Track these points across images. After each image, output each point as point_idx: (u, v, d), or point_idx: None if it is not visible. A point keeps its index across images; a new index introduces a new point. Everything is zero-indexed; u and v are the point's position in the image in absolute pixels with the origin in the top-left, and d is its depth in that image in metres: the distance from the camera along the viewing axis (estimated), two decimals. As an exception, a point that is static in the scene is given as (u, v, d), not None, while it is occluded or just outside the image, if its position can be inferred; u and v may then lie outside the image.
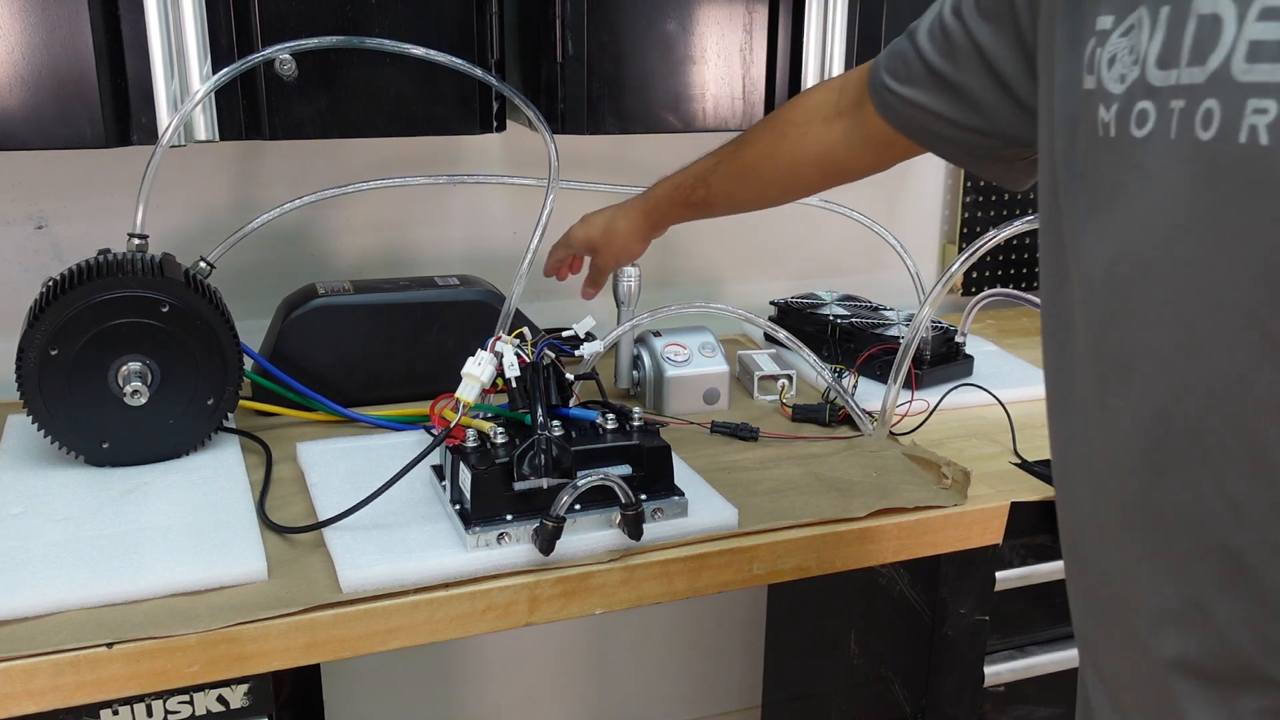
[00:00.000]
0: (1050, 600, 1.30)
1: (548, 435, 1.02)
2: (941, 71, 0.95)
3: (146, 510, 1.08)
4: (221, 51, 1.18)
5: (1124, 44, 0.65)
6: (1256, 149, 0.54)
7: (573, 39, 1.30)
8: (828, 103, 1.12)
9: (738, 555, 1.07)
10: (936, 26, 0.95)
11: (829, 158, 1.12)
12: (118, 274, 1.13)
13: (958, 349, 1.53)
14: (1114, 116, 0.65)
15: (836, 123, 1.10)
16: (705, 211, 1.27)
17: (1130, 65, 0.63)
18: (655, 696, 1.99)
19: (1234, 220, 0.57)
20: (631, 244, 1.34)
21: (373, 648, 0.97)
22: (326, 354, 1.35)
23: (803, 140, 1.14)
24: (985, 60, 0.90)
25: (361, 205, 1.57)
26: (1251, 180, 0.55)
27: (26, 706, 0.88)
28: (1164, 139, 0.60)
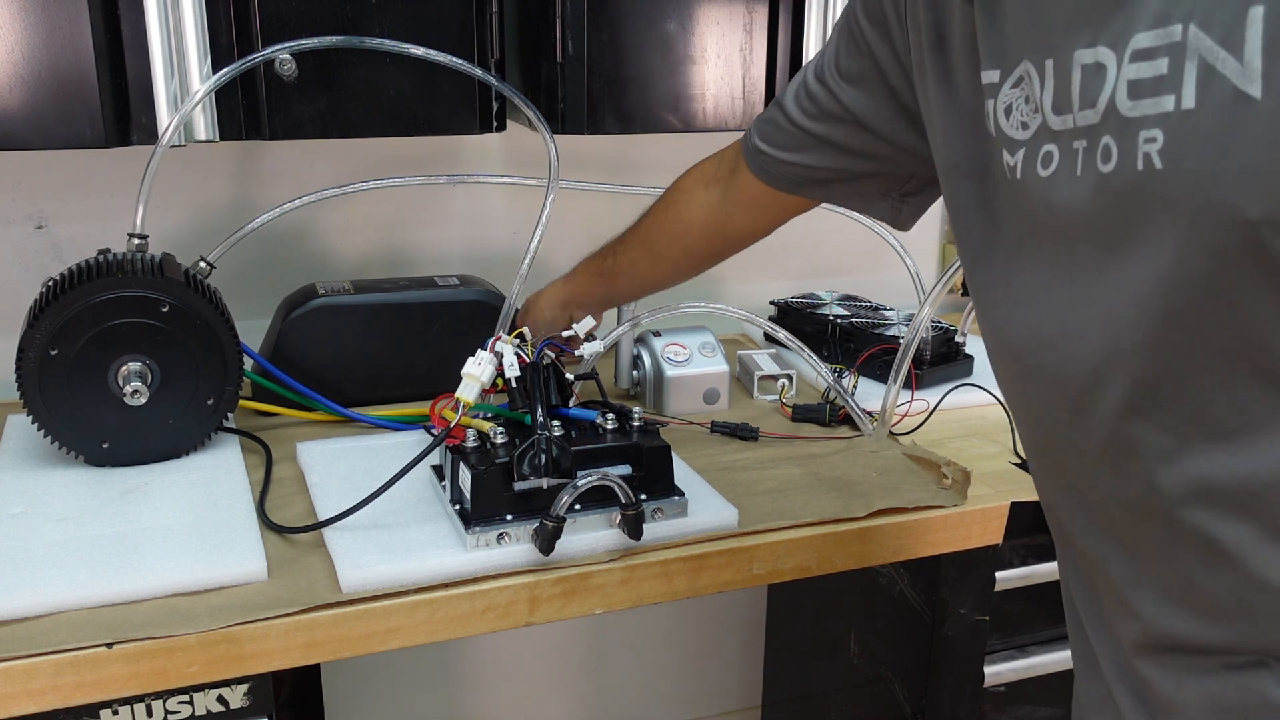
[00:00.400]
0: (1050, 600, 1.30)
1: (548, 435, 1.02)
2: (814, 132, 1.00)
3: (146, 510, 1.08)
4: (221, 51, 1.18)
5: (1017, 94, 0.71)
6: (1152, 172, 0.60)
7: (573, 39, 1.30)
8: (707, 170, 1.18)
9: (738, 555, 1.07)
10: (802, 92, 1.00)
11: (711, 222, 1.17)
12: (118, 274, 1.13)
13: (958, 349, 1.53)
14: (1020, 160, 0.71)
15: (714, 187, 1.16)
16: (614, 283, 1.30)
17: (1030, 114, 0.69)
18: (655, 696, 1.99)
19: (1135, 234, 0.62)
20: (547, 310, 1.35)
21: (373, 648, 0.97)
22: (326, 354, 1.35)
23: (687, 206, 1.19)
24: (856, 118, 0.96)
25: (361, 205, 1.57)
26: (1150, 199, 0.60)
27: (26, 706, 0.88)
28: (1070, 175, 0.66)
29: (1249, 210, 0.56)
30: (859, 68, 0.93)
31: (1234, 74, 0.55)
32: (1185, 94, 0.58)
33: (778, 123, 1.03)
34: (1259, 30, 0.54)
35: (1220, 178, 0.57)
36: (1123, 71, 0.61)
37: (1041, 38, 0.68)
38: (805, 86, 1.00)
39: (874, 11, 0.89)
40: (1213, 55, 0.56)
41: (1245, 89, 0.55)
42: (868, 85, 0.93)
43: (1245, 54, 0.55)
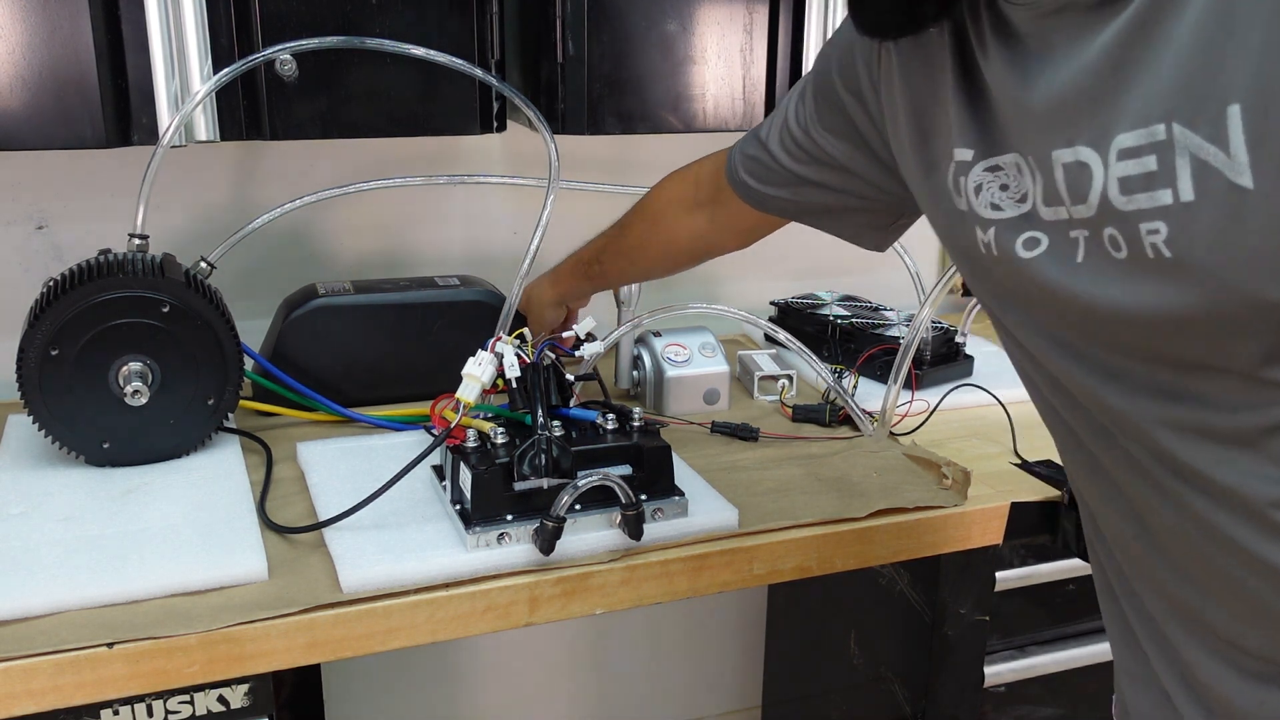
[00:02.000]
0: (1050, 600, 1.30)
1: (548, 435, 1.02)
2: (802, 175, 1.03)
3: (146, 510, 1.08)
4: (222, 51, 1.18)
5: (990, 179, 0.74)
6: (1164, 261, 0.62)
7: (573, 39, 1.30)
8: (685, 196, 1.20)
9: (738, 555, 1.07)
10: (787, 136, 1.02)
11: (699, 242, 1.22)
12: (118, 274, 1.13)
13: (958, 349, 1.53)
14: (993, 239, 0.74)
15: (698, 213, 1.18)
16: (605, 285, 1.37)
17: (1006, 199, 0.73)
18: (655, 696, 1.99)
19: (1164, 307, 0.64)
20: (546, 311, 1.39)
21: (373, 648, 0.97)
22: (326, 354, 1.35)
23: (672, 230, 1.23)
24: (842, 165, 0.99)
25: (361, 205, 1.57)
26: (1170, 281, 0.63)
27: (26, 706, 0.88)
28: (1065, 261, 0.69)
29: (1269, 294, 0.58)
30: (839, 125, 0.96)
31: (1224, 167, 0.58)
32: (1182, 187, 0.60)
33: (764, 162, 1.06)
34: (1239, 125, 0.57)
35: (1233, 264, 0.59)
36: (1110, 170, 0.64)
37: (1023, 134, 0.71)
38: (789, 130, 1.02)
39: (850, 82, 0.92)
40: (1203, 151, 0.59)
41: (1237, 181, 0.57)
42: (850, 140, 0.96)
43: (1231, 148, 0.57)
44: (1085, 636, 1.33)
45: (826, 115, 0.97)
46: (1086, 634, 1.33)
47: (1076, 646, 1.32)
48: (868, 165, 0.97)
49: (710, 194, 1.16)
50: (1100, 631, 1.33)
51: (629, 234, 1.27)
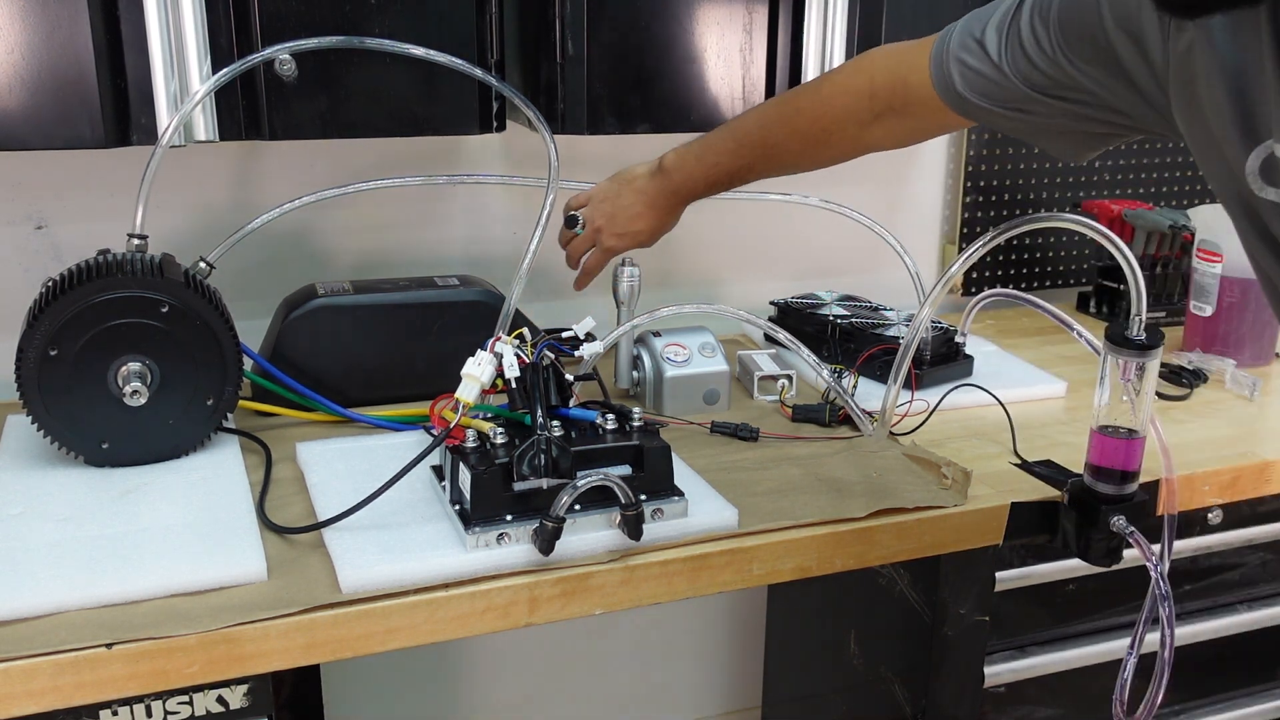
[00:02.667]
0: (1050, 600, 1.30)
1: (547, 435, 1.02)
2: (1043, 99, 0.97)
3: (146, 510, 1.08)
4: (221, 51, 1.18)
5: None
6: None
7: (573, 39, 1.30)
8: (858, 110, 1.15)
9: (738, 555, 1.07)
10: (1024, 62, 0.97)
11: (868, 148, 1.18)
12: (117, 274, 1.13)
13: (958, 349, 1.53)
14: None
15: (875, 126, 1.14)
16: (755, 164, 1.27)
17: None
18: (655, 696, 1.98)
19: None
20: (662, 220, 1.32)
21: (373, 648, 0.97)
22: (326, 354, 1.35)
23: (841, 146, 1.19)
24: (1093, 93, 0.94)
25: (361, 205, 1.56)
26: None
27: (26, 706, 0.88)
28: None
29: None
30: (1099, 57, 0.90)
31: None
32: None
33: (994, 80, 1.00)
34: None
35: None
36: None
37: None
38: (1026, 55, 0.96)
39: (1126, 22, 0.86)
40: None
41: None
42: (1111, 72, 0.90)
43: None
44: (1085, 636, 1.33)
45: (1083, 47, 0.91)
46: (1086, 634, 1.33)
47: (1076, 646, 1.32)
48: (1124, 96, 0.91)
49: (891, 104, 1.11)
50: (1100, 631, 1.33)
51: (783, 154, 1.22)
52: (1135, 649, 1.12)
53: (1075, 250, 1.98)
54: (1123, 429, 1.12)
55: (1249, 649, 1.42)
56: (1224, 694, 1.44)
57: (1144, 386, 1.10)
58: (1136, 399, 1.11)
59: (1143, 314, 1.08)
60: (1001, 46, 0.98)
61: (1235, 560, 1.38)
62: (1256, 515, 1.35)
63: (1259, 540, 1.37)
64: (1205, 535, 1.33)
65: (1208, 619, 1.38)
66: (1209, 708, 1.43)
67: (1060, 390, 1.50)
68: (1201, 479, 1.26)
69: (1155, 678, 1.07)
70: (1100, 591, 1.31)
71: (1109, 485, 1.13)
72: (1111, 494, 1.13)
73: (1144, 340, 1.08)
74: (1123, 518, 1.11)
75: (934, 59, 1.05)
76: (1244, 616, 1.39)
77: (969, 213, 1.89)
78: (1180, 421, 1.41)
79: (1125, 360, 1.09)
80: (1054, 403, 1.48)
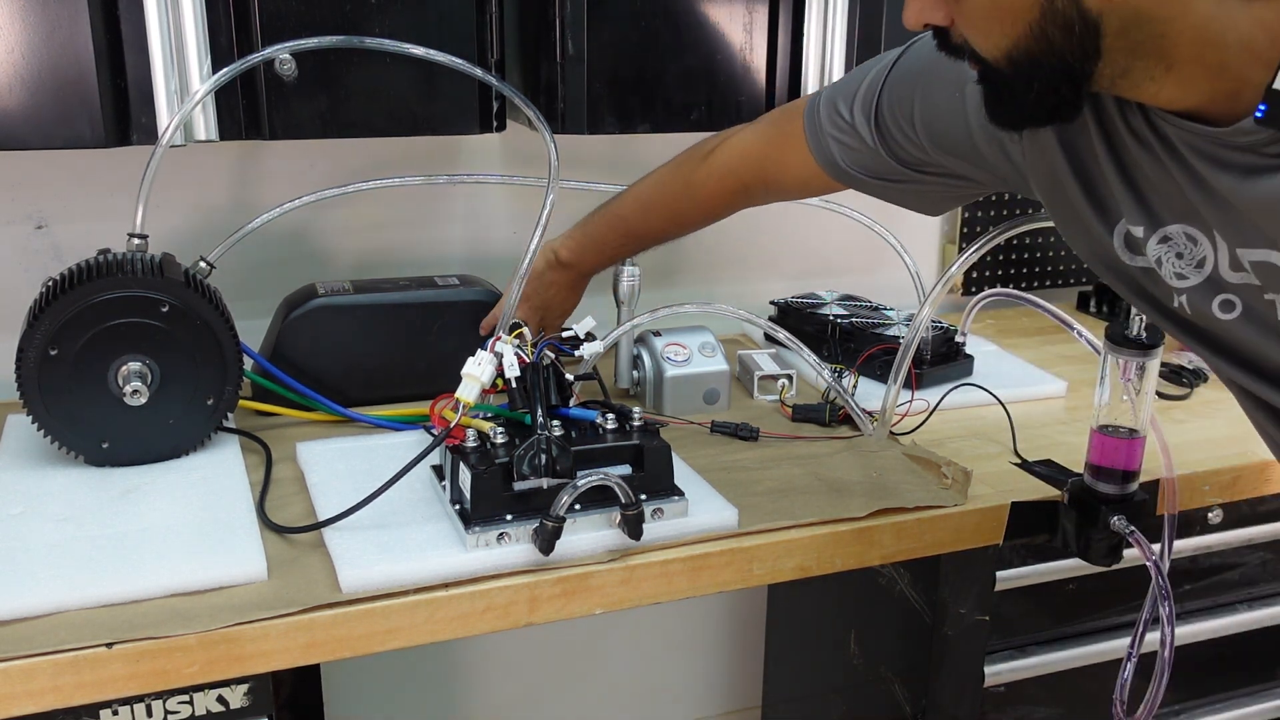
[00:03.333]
0: (1050, 600, 1.30)
1: (547, 435, 1.02)
2: (919, 172, 1.09)
3: (146, 510, 1.08)
4: (221, 51, 1.18)
5: (1165, 249, 0.85)
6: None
7: (573, 39, 1.30)
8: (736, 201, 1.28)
9: (738, 555, 1.07)
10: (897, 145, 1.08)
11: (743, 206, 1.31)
12: (118, 274, 1.13)
13: (958, 349, 1.53)
14: (1188, 301, 0.86)
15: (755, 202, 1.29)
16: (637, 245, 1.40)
17: (1186, 267, 0.85)
18: (655, 696, 1.98)
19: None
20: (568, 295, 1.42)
21: (373, 648, 0.97)
22: (326, 354, 1.35)
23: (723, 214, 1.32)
24: (959, 174, 1.06)
25: (361, 205, 1.56)
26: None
27: (26, 706, 0.88)
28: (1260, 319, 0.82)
29: None
30: (969, 156, 1.02)
31: None
32: None
33: (874, 158, 1.10)
34: None
35: None
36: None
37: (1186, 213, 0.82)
38: (897, 142, 1.07)
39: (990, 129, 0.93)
40: None
41: None
42: (979, 166, 1.02)
43: None
44: (1085, 636, 1.33)
45: (950, 146, 1.03)
46: (1086, 634, 1.33)
47: (1076, 646, 1.32)
48: (992, 179, 1.03)
49: (767, 187, 1.24)
50: (1100, 631, 1.33)
51: (673, 234, 1.36)
52: (1135, 649, 1.12)
53: (1075, 250, 1.98)
54: (1123, 428, 1.12)
55: (1249, 649, 1.42)
56: (1224, 694, 1.44)
57: (1144, 386, 1.10)
58: (1137, 398, 1.11)
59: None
60: (872, 133, 1.09)
61: (1235, 560, 1.38)
62: (1256, 515, 1.35)
63: (1259, 540, 1.37)
64: (1205, 535, 1.33)
65: (1208, 619, 1.38)
66: (1209, 708, 1.43)
67: (1060, 390, 1.50)
68: (1201, 479, 1.26)
69: (1155, 677, 1.07)
70: (1100, 591, 1.31)
71: (1109, 485, 1.13)
72: (1112, 494, 1.13)
73: (1144, 340, 1.08)
74: (1123, 517, 1.11)
75: (811, 139, 1.15)
76: (1244, 616, 1.39)
77: (969, 212, 1.89)
78: (1180, 421, 1.41)
79: (1125, 360, 1.09)
80: (1054, 402, 1.48)
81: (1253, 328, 0.83)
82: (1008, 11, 0.75)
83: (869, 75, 1.09)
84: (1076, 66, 0.75)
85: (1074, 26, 0.73)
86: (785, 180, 1.22)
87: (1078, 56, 0.75)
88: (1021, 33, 0.75)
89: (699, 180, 1.27)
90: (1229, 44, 0.72)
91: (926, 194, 1.13)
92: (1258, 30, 0.71)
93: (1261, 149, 0.74)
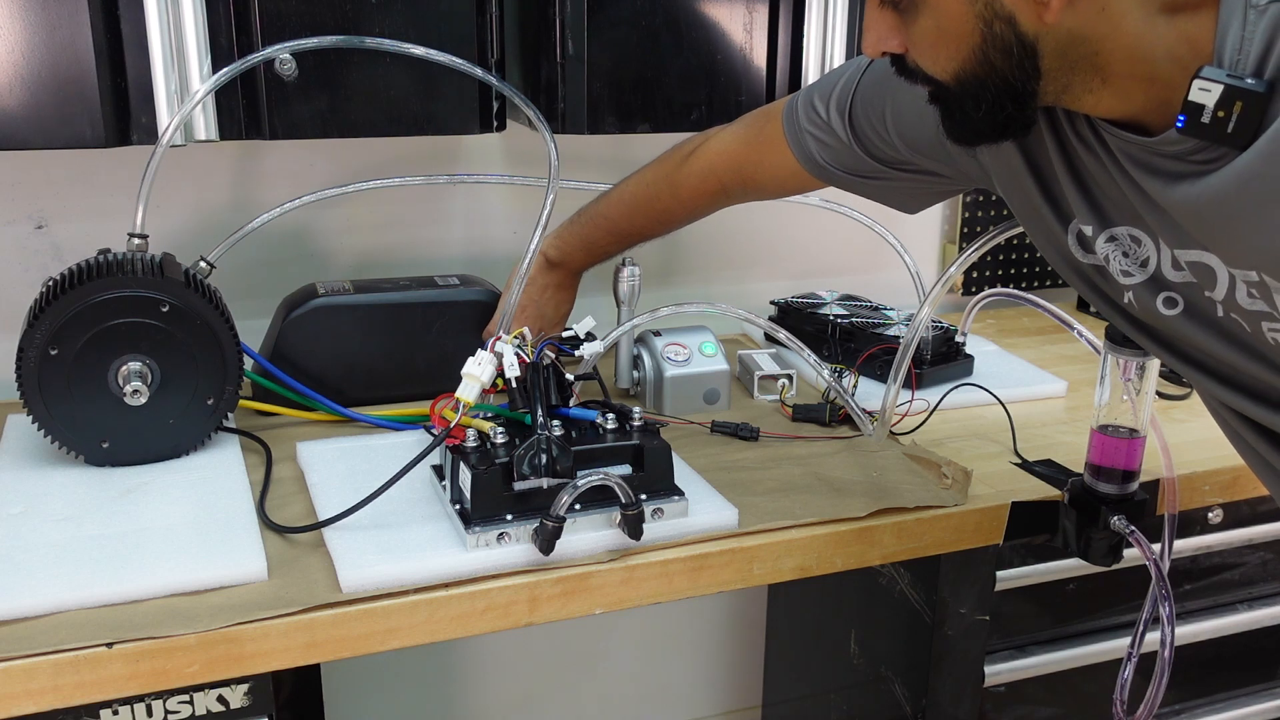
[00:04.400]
0: (1050, 600, 1.30)
1: (548, 435, 1.02)
2: (894, 169, 1.12)
3: (146, 510, 1.08)
4: (221, 51, 1.18)
5: (1112, 247, 0.90)
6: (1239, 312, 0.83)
7: (573, 39, 1.30)
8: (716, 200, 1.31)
9: (738, 555, 1.07)
10: (869, 143, 1.14)
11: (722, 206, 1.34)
12: (118, 274, 1.13)
13: (958, 349, 1.53)
14: (1135, 297, 0.91)
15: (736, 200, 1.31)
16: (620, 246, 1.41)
17: (1131, 265, 0.89)
18: (655, 696, 1.98)
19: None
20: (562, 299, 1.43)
21: (373, 648, 0.97)
22: (326, 354, 1.35)
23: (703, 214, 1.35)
24: (934, 172, 1.09)
25: (361, 205, 1.56)
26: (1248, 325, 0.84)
27: (26, 706, 0.88)
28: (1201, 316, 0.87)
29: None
30: (939, 156, 1.05)
31: None
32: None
33: (850, 155, 1.13)
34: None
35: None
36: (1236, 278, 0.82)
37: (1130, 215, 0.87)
38: (872, 142, 1.10)
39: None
40: None
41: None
42: (949, 165, 1.06)
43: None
44: (1085, 636, 1.33)
45: (921, 146, 1.06)
46: (1086, 634, 1.33)
47: (1076, 646, 1.32)
48: (962, 176, 1.07)
49: (745, 187, 1.26)
50: (1100, 631, 1.33)
51: (659, 231, 1.37)
52: (1135, 649, 1.12)
53: (1075, 250, 1.98)
54: (1123, 428, 1.12)
55: (1249, 649, 1.42)
56: (1224, 694, 1.44)
57: (1144, 386, 1.10)
58: (1137, 398, 1.11)
59: (1143, 314, 1.08)
60: (846, 131, 1.12)
61: (1235, 560, 1.38)
62: (1256, 515, 1.35)
63: (1259, 540, 1.37)
64: (1205, 535, 1.33)
65: (1208, 619, 1.38)
66: (1209, 708, 1.43)
67: (1060, 390, 1.50)
68: (1201, 479, 1.26)
69: (1155, 677, 1.07)
70: (1100, 591, 1.31)
71: (1109, 485, 1.13)
72: (1112, 493, 1.13)
73: (1144, 340, 1.08)
74: (1123, 517, 1.12)
75: (790, 136, 1.18)
76: (1244, 616, 1.39)
77: (969, 212, 1.89)
78: (1180, 421, 1.41)
79: (1126, 359, 1.09)
80: (1054, 402, 1.48)
81: (1194, 324, 0.87)
82: (952, 38, 0.81)
83: (845, 75, 1.13)
84: (1019, 85, 0.81)
85: (1013, 50, 0.79)
86: (763, 179, 1.24)
87: (1019, 76, 0.80)
88: (965, 56, 0.81)
89: (679, 180, 1.30)
90: (1157, 57, 0.77)
91: (903, 190, 1.17)
92: (1181, 43, 0.76)
93: (1187, 157, 0.78)
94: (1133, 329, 0.96)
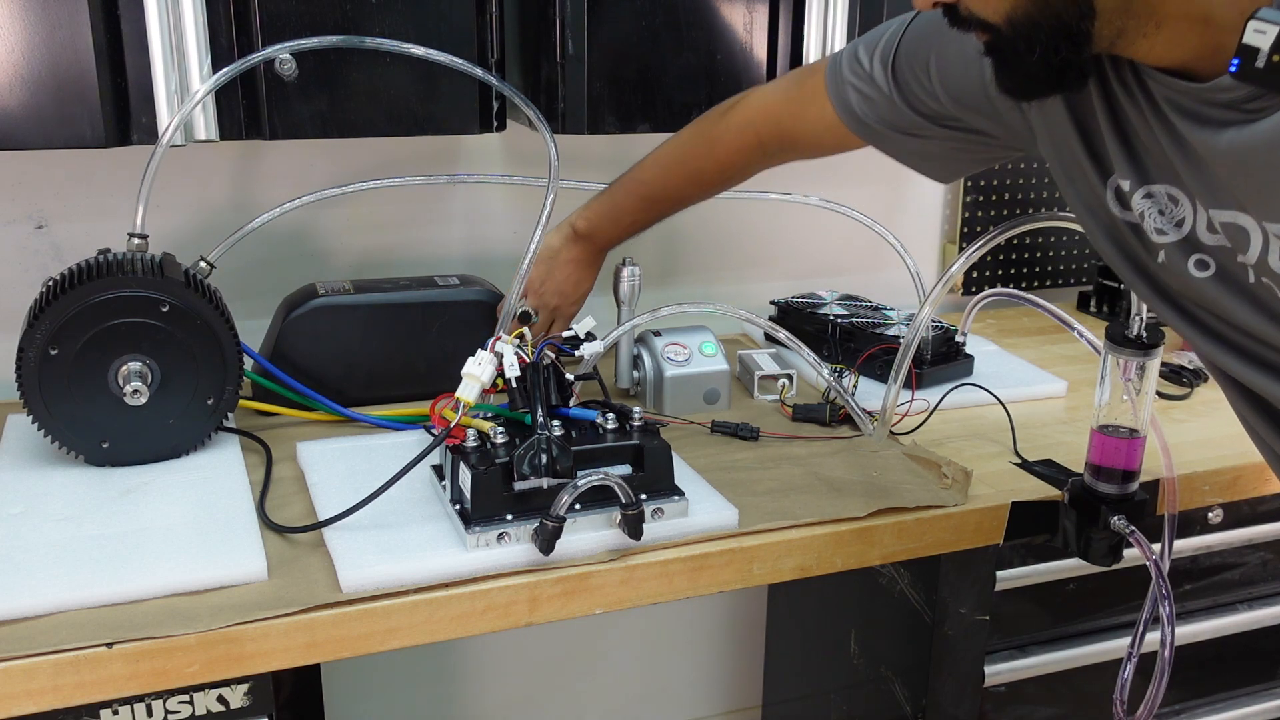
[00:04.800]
0: (1050, 600, 1.30)
1: (548, 435, 1.02)
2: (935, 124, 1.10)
3: (146, 510, 1.08)
4: (221, 51, 1.18)
5: (1148, 204, 0.89)
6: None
7: (573, 39, 1.30)
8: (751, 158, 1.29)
9: (738, 555, 1.07)
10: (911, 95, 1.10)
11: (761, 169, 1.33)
12: (118, 274, 1.13)
13: (958, 349, 1.53)
14: (1166, 257, 0.90)
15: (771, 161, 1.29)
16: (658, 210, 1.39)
17: (1166, 224, 0.88)
18: (655, 696, 1.99)
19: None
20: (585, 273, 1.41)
21: (373, 648, 0.97)
22: (326, 354, 1.35)
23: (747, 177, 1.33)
24: (975, 128, 1.08)
25: (361, 205, 1.56)
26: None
27: (26, 706, 0.88)
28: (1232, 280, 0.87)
29: None
30: (983, 109, 1.03)
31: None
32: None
33: (891, 108, 1.11)
34: None
35: None
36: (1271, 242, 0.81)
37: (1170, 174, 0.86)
38: (915, 93, 1.08)
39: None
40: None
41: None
42: (992, 119, 1.04)
43: None
44: (1085, 636, 1.33)
45: (966, 98, 1.04)
46: (1086, 634, 1.33)
47: (1076, 646, 1.32)
48: (1003, 132, 1.05)
49: (782, 145, 1.25)
50: (1100, 631, 1.33)
51: (690, 197, 1.36)
52: (1135, 649, 1.12)
53: (1075, 250, 1.98)
54: (1123, 428, 1.12)
55: (1249, 649, 1.42)
56: (1224, 694, 1.44)
57: (1144, 386, 1.10)
58: (1137, 398, 1.11)
59: (1143, 313, 1.08)
60: (889, 82, 1.10)
61: (1235, 560, 1.38)
62: (1256, 515, 1.35)
63: (1259, 540, 1.37)
64: (1205, 535, 1.33)
65: (1208, 619, 1.38)
66: (1209, 708, 1.43)
67: (1060, 390, 1.50)
68: (1201, 479, 1.26)
69: (1155, 677, 1.07)
70: (1100, 591, 1.31)
71: (1109, 485, 1.13)
72: (1112, 493, 1.13)
73: (1145, 339, 1.08)
74: (1123, 517, 1.12)
75: (831, 88, 1.16)
76: (1244, 616, 1.39)
77: (969, 212, 1.89)
78: (1180, 421, 1.41)
79: (1126, 359, 1.09)
80: (1054, 402, 1.48)
81: (1224, 288, 0.87)
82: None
83: (890, 28, 1.12)
84: (1073, 25, 0.79)
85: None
86: (800, 134, 1.22)
87: (1073, 15, 0.78)
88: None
89: (717, 135, 1.28)
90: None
91: (941, 151, 1.14)
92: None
93: (1239, 105, 0.77)
94: (1158, 299, 0.94)
